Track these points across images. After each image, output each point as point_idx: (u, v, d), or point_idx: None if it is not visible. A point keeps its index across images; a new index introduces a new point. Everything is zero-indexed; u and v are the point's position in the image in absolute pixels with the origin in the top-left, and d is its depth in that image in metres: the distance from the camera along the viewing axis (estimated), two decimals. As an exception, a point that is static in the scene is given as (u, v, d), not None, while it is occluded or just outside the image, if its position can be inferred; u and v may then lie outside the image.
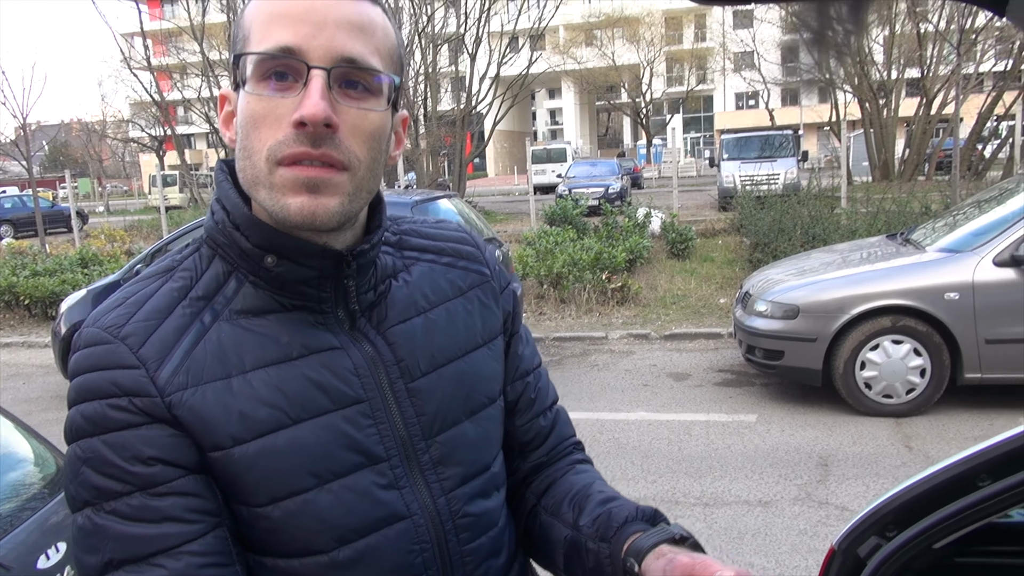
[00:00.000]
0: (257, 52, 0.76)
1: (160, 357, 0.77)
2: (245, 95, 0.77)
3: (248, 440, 0.77)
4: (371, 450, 0.82)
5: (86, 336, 0.78)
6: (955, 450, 4.17)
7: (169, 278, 0.83)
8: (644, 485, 4.30)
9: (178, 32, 22.56)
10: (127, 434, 0.74)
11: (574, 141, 45.23)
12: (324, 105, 0.74)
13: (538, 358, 1.06)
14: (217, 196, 0.84)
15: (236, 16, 9.59)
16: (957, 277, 4.88)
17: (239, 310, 0.82)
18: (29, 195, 21.22)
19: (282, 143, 0.75)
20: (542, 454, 1.02)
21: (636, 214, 11.99)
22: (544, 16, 19.82)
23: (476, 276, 0.98)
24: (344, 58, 0.76)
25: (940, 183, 13.76)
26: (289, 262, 0.80)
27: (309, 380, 0.80)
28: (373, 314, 0.87)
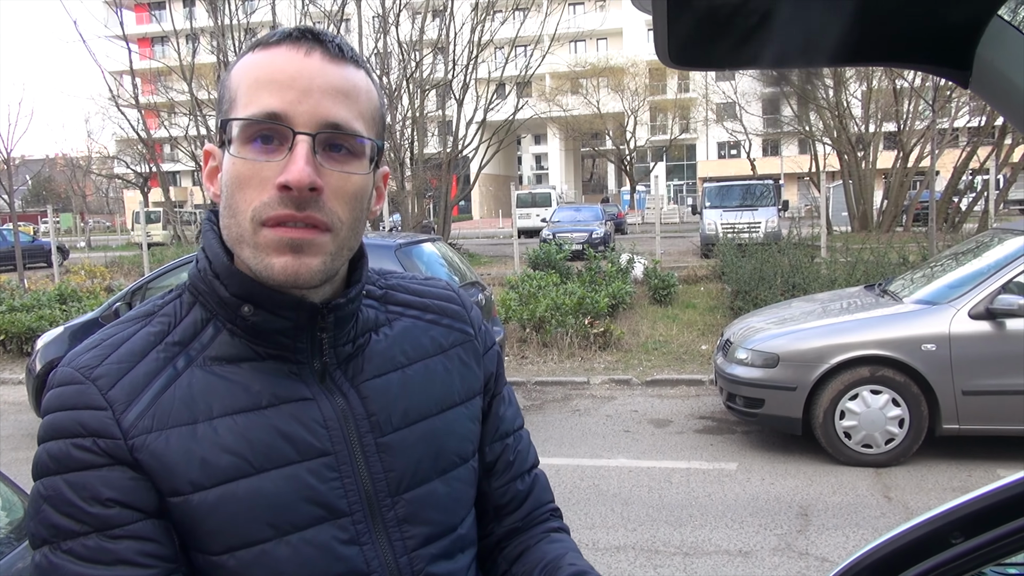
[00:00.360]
0: (244, 118, 0.77)
1: (128, 400, 0.77)
2: (231, 156, 0.79)
3: (208, 487, 0.77)
4: (334, 504, 0.82)
5: (60, 375, 0.79)
6: (934, 501, 4.18)
7: (148, 322, 0.84)
8: (624, 533, 4.26)
9: (167, 71, 22.73)
10: (88, 474, 0.75)
11: (559, 186, 45.74)
12: (309, 170, 0.75)
13: (520, 420, 1.05)
14: (202, 245, 0.86)
15: (224, 68, 9.76)
16: (934, 329, 4.94)
17: (214, 357, 0.82)
18: (9, 229, 21.06)
19: (267, 205, 0.76)
20: (517, 519, 1.00)
21: (619, 260, 12.07)
22: (531, 64, 20.16)
23: (459, 335, 0.97)
24: (329, 123, 0.77)
25: (917, 234, 14.01)
26: (265, 312, 0.81)
27: (276, 430, 0.80)
28: (349, 367, 0.87)
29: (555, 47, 20.79)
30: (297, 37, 0.79)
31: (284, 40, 0.79)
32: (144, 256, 15.89)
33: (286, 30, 0.80)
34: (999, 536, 1.09)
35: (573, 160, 57.47)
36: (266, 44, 0.80)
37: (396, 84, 18.36)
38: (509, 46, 20.20)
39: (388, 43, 18.74)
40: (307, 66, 0.77)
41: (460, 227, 31.77)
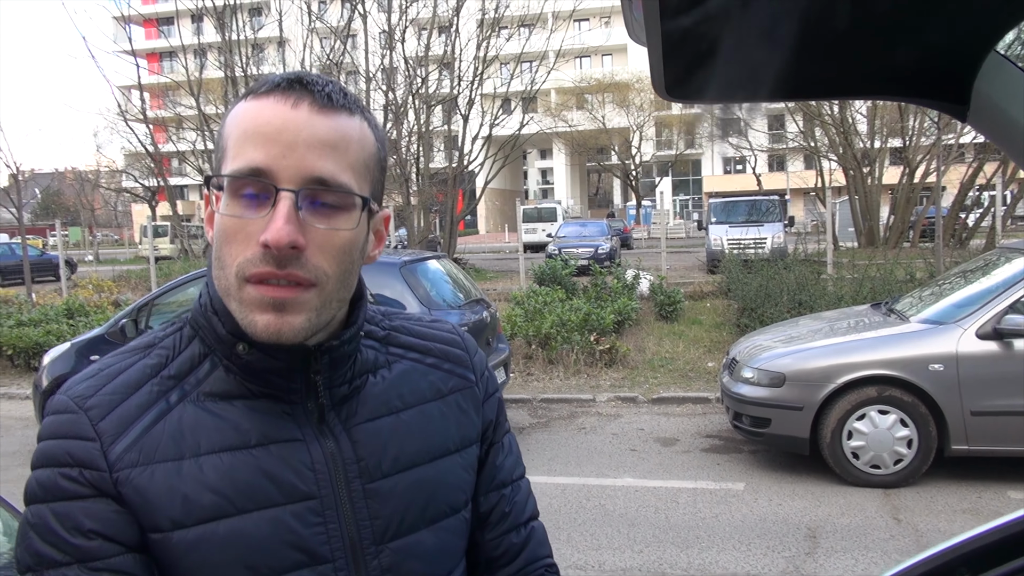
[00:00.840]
0: (228, 175, 0.77)
1: (118, 432, 0.78)
2: (219, 211, 0.79)
3: (188, 525, 0.77)
4: (315, 550, 0.80)
5: (55, 403, 0.80)
6: (944, 523, 4.13)
7: (147, 354, 0.84)
8: (630, 555, 4.23)
9: (175, 86, 22.89)
10: (72, 505, 0.75)
11: (565, 201, 45.76)
12: (289, 229, 0.74)
13: (521, 469, 1.02)
14: (207, 280, 0.86)
15: (231, 84, 9.76)
16: (941, 348, 4.92)
17: (208, 392, 0.82)
18: (18, 243, 21.16)
19: (249, 261, 0.76)
20: (510, 573, 0.97)
21: (625, 275, 12.06)
22: (536, 80, 20.26)
23: (459, 380, 0.96)
24: (313, 179, 0.76)
25: (924, 250, 13.96)
26: (259, 352, 0.81)
27: (261, 470, 0.80)
28: (344, 408, 0.86)
29: (560, 63, 20.88)
30: (285, 87, 0.78)
31: (273, 90, 0.78)
32: (151, 270, 15.94)
33: (276, 79, 0.79)
34: (1006, 573, 1.08)
35: (579, 175, 57.60)
36: (256, 94, 0.79)
37: (402, 100, 18.45)
38: (515, 62, 20.31)
39: (394, 59, 18.86)
40: (294, 119, 0.76)
41: (466, 242, 31.83)
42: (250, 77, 18.51)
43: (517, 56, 19.70)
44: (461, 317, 6.14)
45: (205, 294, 0.85)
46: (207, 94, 21.78)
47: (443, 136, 22.84)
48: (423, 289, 6.10)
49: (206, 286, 0.85)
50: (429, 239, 20.50)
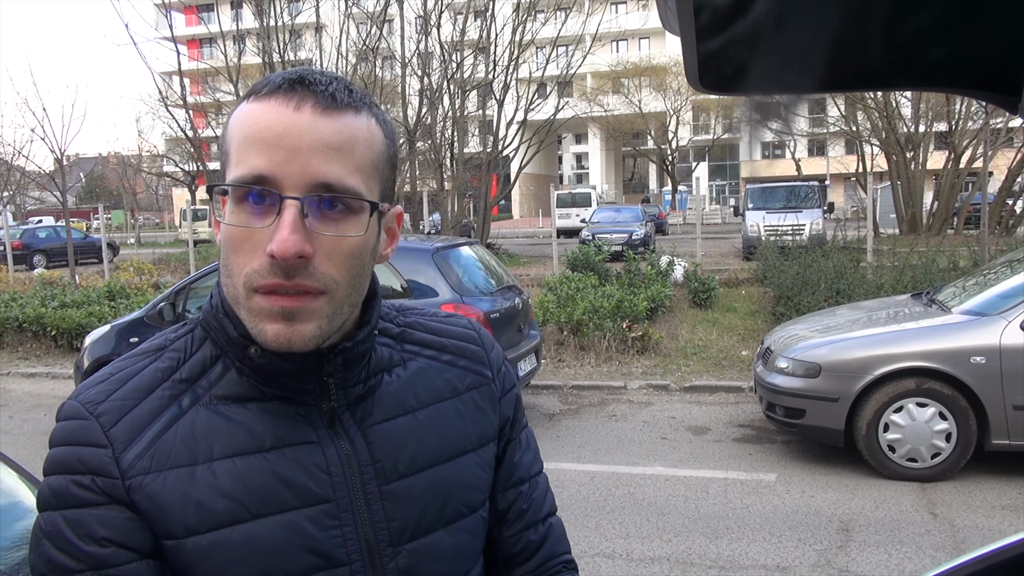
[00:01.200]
0: (231, 184, 0.75)
1: (129, 438, 0.77)
2: (224, 220, 0.77)
3: (202, 532, 0.76)
4: (331, 553, 0.80)
5: (67, 409, 0.79)
6: (982, 519, 4.04)
7: (158, 357, 0.83)
8: (659, 544, 4.21)
9: (214, 72, 23.17)
10: (85, 512, 0.75)
11: (599, 186, 45.52)
12: (295, 239, 0.72)
13: (539, 465, 1.01)
14: (217, 281, 0.85)
15: (270, 69, 9.88)
16: (984, 341, 4.79)
17: (220, 395, 0.81)
18: (63, 226, 21.71)
19: (257, 272, 0.74)
20: (528, 569, 0.96)
21: (659, 262, 11.96)
22: (572, 64, 20.10)
23: (476, 377, 0.94)
24: (319, 184, 0.74)
25: (969, 238, 13.59)
26: (272, 354, 0.79)
27: (276, 474, 0.79)
28: (359, 409, 0.85)
29: (597, 47, 20.68)
30: (287, 89, 0.75)
31: (275, 92, 0.75)
32: (190, 253, 16.23)
33: (278, 78, 0.76)
34: None
35: (614, 160, 57.17)
36: (258, 95, 0.76)
37: (437, 85, 18.45)
38: (550, 46, 20.17)
39: (430, 44, 18.85)
40: (296, 122, 0.74)
41: (500, 226, 31.85)
42: (287, 63, 18.65)
43: (553, 40, 19.55)
44: (493, 304, 6.14)
45: (216, 295, 0.84)
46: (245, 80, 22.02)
47: (478, 121, 22.82)
48: (455, 275, 6.10)
49: (217, 287, 0.84)
50: (463, 224, 20.54)
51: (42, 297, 11.35)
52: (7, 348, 10.59)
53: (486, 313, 5.86)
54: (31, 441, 6.55)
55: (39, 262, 24.02)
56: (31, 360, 10.07)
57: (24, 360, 10.09)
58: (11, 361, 10.03)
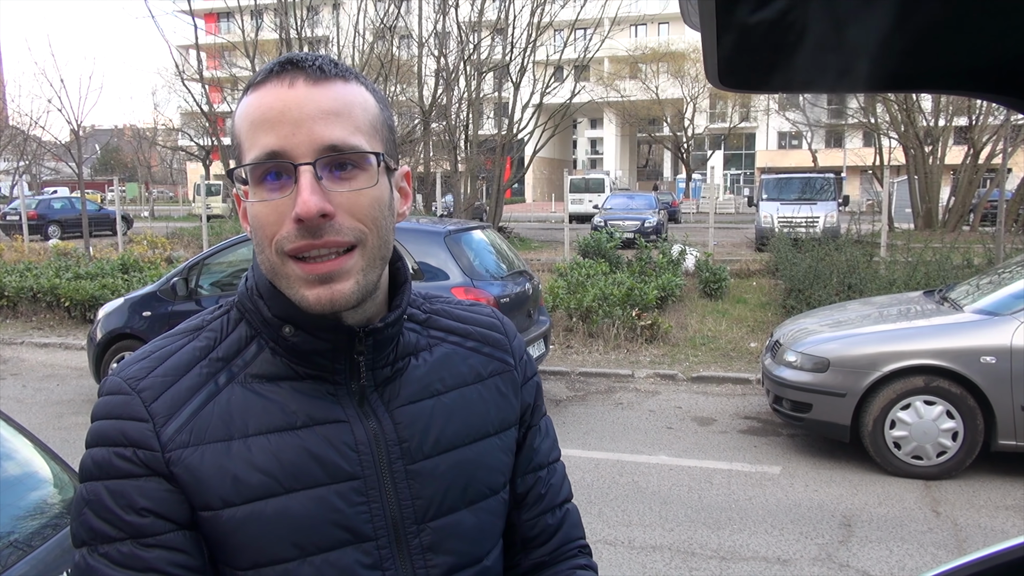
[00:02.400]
0: (247, 164, 0.80)
1: (169, 413, 0.80)
2: (249, 201, 0.81)
3: (238, 504, 0.79)
4: (359, 528, 0.83)
5: (109, 384, 0.83)
6: (985, 518, 4.04)
7: (196, 336, 0.87)
8: (661, 533, 4.24)
9: (231, 47, 23.15)
10: (126, 483, 0.78)
11: (613, 171, 45.27)
12: (316, 199, 0.77)
13: (556, 452, 1.04)
14: (252, 264, 0.88)
15: (286, 46, 9.81)
16: (995, 340, 4.77)
17: (255, 374, 0.84)
18: (78, 197, 21.83)
19: (286, 238, 0.78)
20: (545, 553, 1.00)
21: (671, 251, 11.93)
22: (590, 48, 19.97)
23: (499, 364, 0.97)
24: (326, 147, 0.78)
25: (984, 235, 13.49)
26: (305, 333, 0.83)
27: (307, 451, 0.82)
28: (386, 390, 0.88)
29: (615, 31, 20.53)
30: (279, 71, 0.80)
31: (269, 77, 0.80)
32: (203, 228, 16.30)
33: (269, 66, 0.81)
34: None
35: (629, 146, 56.86)
36: (255, 85, 0.81)
37: (453, 66, 18.37)
38: (568, 29, 20.01)
39: (447, 24, 18.76)
40: (293, 97, 0.78)
41: (512, 210, 31.80)
42: (304, 39, 18.61)
43: (571, 23, 19.41)
44: (503, 288, 6.16)
45: (251, 278, 0.87)
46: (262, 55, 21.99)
47: (493, 103, 22.74)
48: (467, 259, 6.12)
49: (251, 270, 0.88)
50: (475, 206, 20.54)
51: (56, 268, 11.45)
52: (22, 318, 10.71)
53: (496, 297, 5.88)
54: (44, 411, 6.64)
55: (54, 233, 24.21)
56: (45, 330, 10.18)
57: (38, 330, 10.19)
58: (25, 331, 10.15)
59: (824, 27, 0.56)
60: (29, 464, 2.01)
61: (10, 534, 1.85)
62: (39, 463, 2.01)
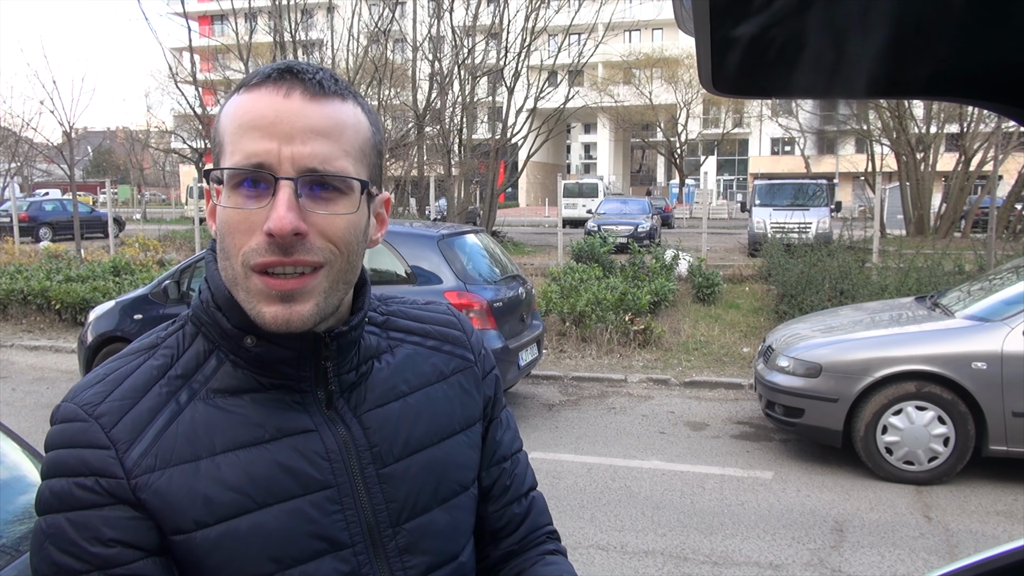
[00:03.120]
0: (228, 168, 0.77)
1: (131, 438, 0.77)
2: (221, 204, 0.79)
3: (211, 524, 0.77)
4: (335, 537, 0.82)
5: (63, 411, 0.80)
6: (976, 523, 4.05)
7: (151, 355, 0.84)
8: (653, 538, 4.24)
9: (224, 50, 23.11)
10: (90, 514, 0.75)
11: (607, 176, 45.38)
12: (291, 217, 0.75)
13: (519, 443, 1.05)
14: (205, 276, 0.86)
15: (280, 49, 9.72)
16: (986, 347, 4.79)
17: (216, 389, 0.82)
18: (70, 199, 21.72)
19: (255, 251, 0.77)
20: (514, 542, 1.00)
21: (664, 255, 11.95)
22: (584, 53, 20.00)
23: (460, 361, 0.98)
24: (310, 166, 0.77)
25: (975, 242, 13.55)
26: (268, 343, 0.81)
27: (277, 464, 0.81)
28: (352, 395, 0.87)
29: (609, 36, 20.57)
30: (276, 78, 0.78)
31: (265, 81, 0.78)
32: (195, 231, 16.24)
33: (267, 70, 0.79)
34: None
35: (622, 151, 56.99)
36: (248, 86, 0.79)
37: (448, 70, 18.38)
38: (563, 34, 20.06)
39: (441, 28, 18.76)
40: (287, 108, 0.77)
41: (506, 214, 31.79)
42: (298, 42, 18.58)
43: (565, 28, 19.46)
44: (496, 292, 6.15)
45: (206, 290, 0.84)
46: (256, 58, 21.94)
47: (487, 107, 22.74)
48: (460, 263, 6.11)
49: (205, 282, 0.85)
50: (469, 210, 20.52)
51: (47, 270, 11.38)
52: (11, 320, 10.64)
53: (489, 302, 5.87)
54: (33, 414, 6.59)
55: (45, 235, 24.08)
56: (35, 333, 10.11)
57: (28, 333, 10.13)
58: (15, 333, 10.08)
59: (818, 34, 0.56)
60: (17, 468, 1.99)
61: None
62: (27, 467, 1.99)
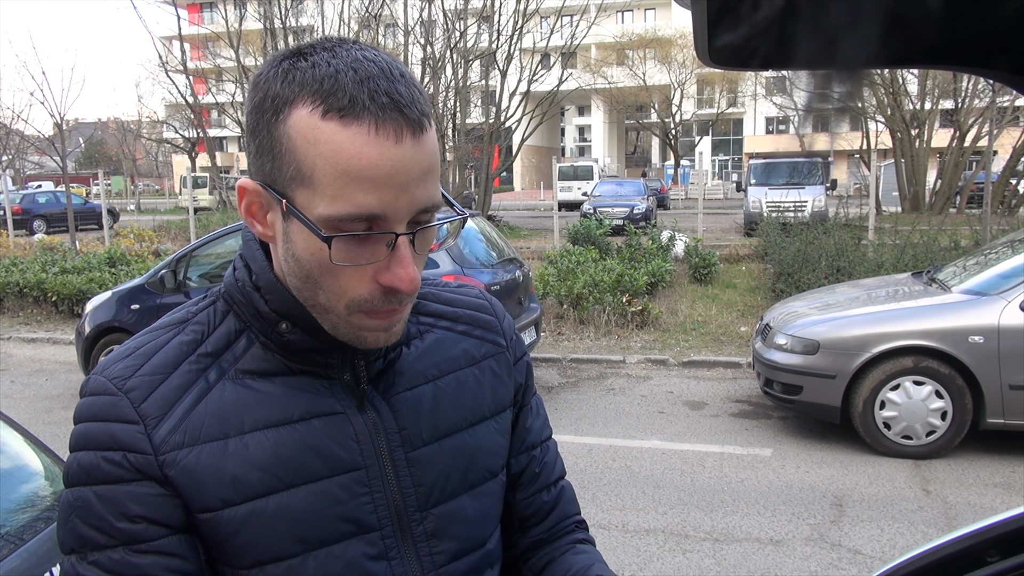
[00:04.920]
0: (339, 215, 0.71)
1: (160, 414, 0.77)
2: (316, 240, 0.73)
3: (238, 503, 0.77)
4: (363, 519, 0.82)
5: (92, 384, 0.79)
6: (975, 496, 4.08)
7: (181, 331, 0.83)
8: (654, 516, 4.27)
9: (215, 38, 22.93)
10: (117, 489, 0.75)
11: (602, 159, 45.24)
12: (414, 273, 0.75)
13: (548, 431, 1.03)
14: (242, 252, 0.84)
15: (270, 36, 9.52)
16: (983, 320, 4.80)
17: (246, 370, 0.81)
18: (63, 191, 21.63)
19: (368, 300, 0.76)
20: (542, 530, 0.99)
21: (660, 236, 11.95)
22: (576, 35, 19.90)
23: (491, 346, 0.96)
24: (421, 210, 0.75)
25: (971, 217, 13.57)
26: (302, 331, 0.80)
27: (307, 445, 0.80)
28: (381, 380, 0.86)
29: (602, 17, 20.47)
30: (379, 114, 0.70)
31: (364, 114, 0.70)
32: (191, 221, 16.20)
33: (361, 95, 0.70)
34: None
35: (617, 133, 56.81)
36: (343, 115, 0.70)
37: (440, 54, 18.27)
38: (555, 16, 19.93)
39: (433, 12, 18.64)
40: (401, 158, 0.71)
41: (501, 198, 31.74)
42: (289, 29, 18.45)
43: (558, 10, 19.34)
44: (493, 276, 6.15)
45: (242, 268, 0.83)
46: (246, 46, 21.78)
47: (480, 91, 22.64)
48: (457, 247, 6.10)
49: (241, 259, 0.83)
50: (464, 195, 20.48)
51: (43, 263, 11.36)
52: (8, 313, 10.62)
53: (487, 285, 5.87)
54: (32, 405, 6.60)
55: (39, 227, 23.99)
56: (32, 325, 10.10)
57: (25, 325, 10.11)
58: (12, 326, 10.06)
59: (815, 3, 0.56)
60: (20, 457, 1.99)
61: (1, 527, 1.84)
62: (30, 456, 1.99)
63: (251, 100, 0.76)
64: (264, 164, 0.75)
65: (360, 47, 0.74)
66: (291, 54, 0.74)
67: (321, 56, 0.72)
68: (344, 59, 0.72)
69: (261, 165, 0.75)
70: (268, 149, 0.74)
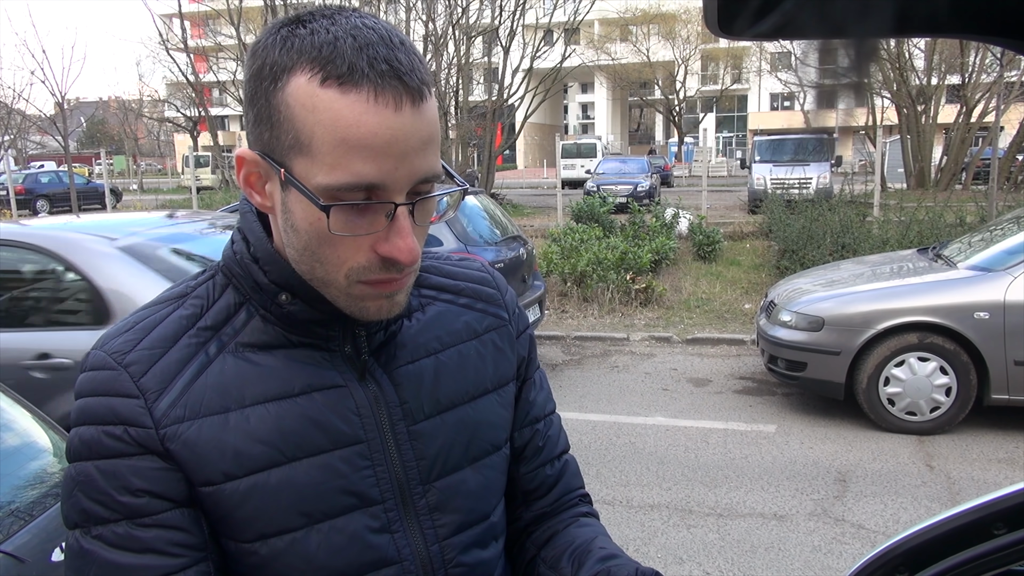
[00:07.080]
0: (338, 184, 0.71)
1: (160, 388, 0.77)
2: (314, 209, 0.72)
3: (240, 476, 0.77)
4: (365, 492, 0.81)
5: (92, 359, 0.79)
6: (978, 472, 4.08)
7: (180, 305, 0.82)
8: (659, 492, 4.29)
9: (215, 15, 22.77)
10: (119, 463, 0.75)
11: (605, 136, 45.03)
12: (413, 243, 0.74)
13: (552, 404, 1.03)
14: (239, 226, 0.83)
15: (271, 13, 9.42)
16: (988, 296, 4.79)
17: (246, 343, 0.81)
18: (65, 171, 21.59)
19: (367, 269, 0.75)
20: (546, 504, 0.99)
21: (664, 214, 11.92)
22: (579, 11, 19.72)
23: (493, 319, 0.95)
24: (421, 179, 0.74)
25: (977, 193, 13.48)
26: (302, 302, 0.80)
27: (308, 418, 0.80)
28: (382, 353, 0.86)
29: (605, -8, 20.25)
30: (379, 81, 0.69)
31: (363, 80, 0.69)
32: (193, 200, 16.19)
33: (360, 61, 0.69)
34: None
35: (620, 110, 56.46)
36: (341, 81, 0.69)
37: (442, 31, 18.13)
38: (558, -9, 19.75)
39: (435, -13, 18.47)
40: (401, 126, 0.71)
41: (504, 176, 31.63)
42: (289, 6, 18.28)
43: (560, -15, 19.16)
44: (497, 254, 6.14)
45: (240, 241, 0.82)
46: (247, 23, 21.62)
47: (483, 69, 22.49)
48: (460, 225, 6.09)
49: (239, 231, 0.83)
50: (467, 173, 20.40)
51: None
52: (13, 293, 10.63)
53: (490, 263, 5.86)
54: (39, 384, 6.62)
55: (42, 207, 23.98)
56: (37, 305, 10.11)
57: (30, 305, 10.13)
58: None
59: None
60: (28, 434, 2.00)
61: (10, 503, 1.85)
62: (38, 432, 2.00)
63: (249, 68, 0.75)
64: (262, 133, 0.74)
65: (359, 15, 0.73)
66: (290, 21, 0.73)
67: (320, 23, 0.71)
68: (343, 26, 0.71)
69: (259, 134, 0.74)
70: (266, 118, 0.73)
